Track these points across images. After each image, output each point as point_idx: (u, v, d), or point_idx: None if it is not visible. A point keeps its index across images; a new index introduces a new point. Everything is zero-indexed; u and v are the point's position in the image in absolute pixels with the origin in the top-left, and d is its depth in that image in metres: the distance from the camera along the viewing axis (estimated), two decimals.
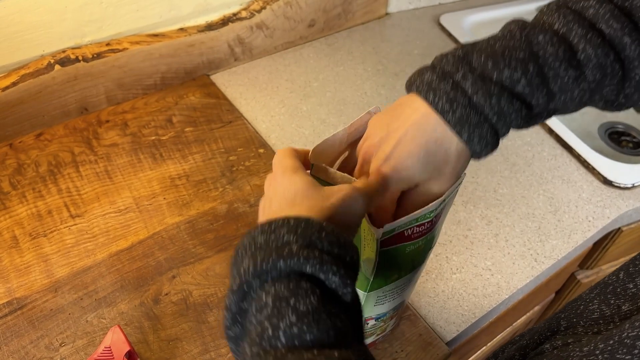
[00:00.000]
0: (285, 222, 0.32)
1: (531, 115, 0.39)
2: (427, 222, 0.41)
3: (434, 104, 0.38)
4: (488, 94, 0.36)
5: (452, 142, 0.38)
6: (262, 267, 0.30)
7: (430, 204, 0.39)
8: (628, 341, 0.31)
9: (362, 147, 0.42)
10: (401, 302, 0.52)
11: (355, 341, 0.31)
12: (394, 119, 0.40)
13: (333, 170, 0.42)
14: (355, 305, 0.32)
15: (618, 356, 0.31)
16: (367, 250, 0.41)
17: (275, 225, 0.32)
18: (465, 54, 0.38)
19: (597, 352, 0.32)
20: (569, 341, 0.36)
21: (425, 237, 0.43)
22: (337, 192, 0.36)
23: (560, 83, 0.37)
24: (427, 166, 0.39)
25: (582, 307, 0.39)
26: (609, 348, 0.32)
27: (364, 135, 0.42)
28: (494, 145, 0.39)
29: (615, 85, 0.39)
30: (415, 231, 0.41)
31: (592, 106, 0.43)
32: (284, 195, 0.37)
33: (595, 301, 0.38)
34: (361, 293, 0.44)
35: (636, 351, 0.30)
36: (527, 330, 0.45)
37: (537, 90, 0.37)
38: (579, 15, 0.38)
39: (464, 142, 0.38)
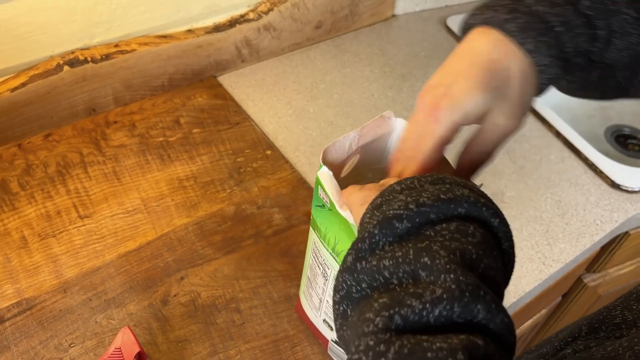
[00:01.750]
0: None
1: (591, 51, 0.36)
2: None
3: (489, 21, 0.35)
4: (551, 3, 0.34)
5: (514, 58, 0.35)
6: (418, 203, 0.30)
7: None
8: None
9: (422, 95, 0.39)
10: None
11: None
12: (446, 65, 0.37)
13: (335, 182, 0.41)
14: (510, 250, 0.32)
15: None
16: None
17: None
18: (514, 2, 0.36)
19: (620, 350, 0.32)
20: (591, 345, 0.35)
21: None
22: None
23: (620, 20, 0.35)
24: (488, 91, 0.35)
25: (604, 313, 0.38)
26: (634, 346, 0.31)
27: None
28: (561, 67, 0.36)
29: None
30: None
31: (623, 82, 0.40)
32: None
33: (618, 308, 0.38)
34: None
35: None
36: (547, 340, 0.45)
37: (600, 15, 0.35)
38: None
39: (528, 54, 0.34)
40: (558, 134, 0.83)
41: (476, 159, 0.39)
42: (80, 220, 0.65)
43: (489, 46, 0.35)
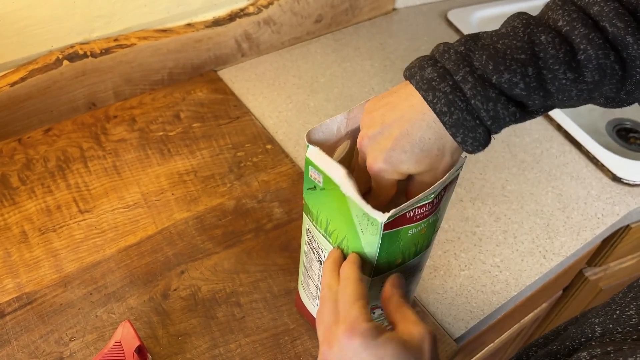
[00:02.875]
0: None
1: (526, 112, 0.40)
2: (428, 204, 0.41)
3: (432, 105, 0.39)
4: (486, 99, 0.37)
5: (446, 140, 0.40)
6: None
7: (432, 187, 0.40)
8: None
9: (359, 137, 0.43)
10: (407, 294, 0.52)
11: None
12: (390, 111, 0.41)
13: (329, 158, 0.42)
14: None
15: None
16: (367, 234, 0.41)
17: None
18: (467, 50, 0.39)
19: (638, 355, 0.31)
20: (609, 349, 0.35)
21: (427, 219, 0.43)
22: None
23: (558, 84, 0.38)
24: (421, 161, 0.41)
25: (618, 312, 0.38)
26: None
27: (360, 121, 0.44)
28: (486, 144, 0.40)
29: (615, 84, 0.39)
30: (416, 213, 0.41)
31: (592, 103, 0.43)
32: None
33: (632, 306, 0.38)
34: (366, 279, 0.44)
35: None
36: (553, 333, 0.44)
37: (533, 93, 0.38)
38: (584, 13, 0.38)
39: (458, 142, 0.40)
40: (559, 128, 0.83)
41: (417, 193, 0.42)
42: (80, 214, 0.65)
43: (426, 124, 0.39)
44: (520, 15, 0.40)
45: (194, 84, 0.82)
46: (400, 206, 0.39)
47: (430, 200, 0.41)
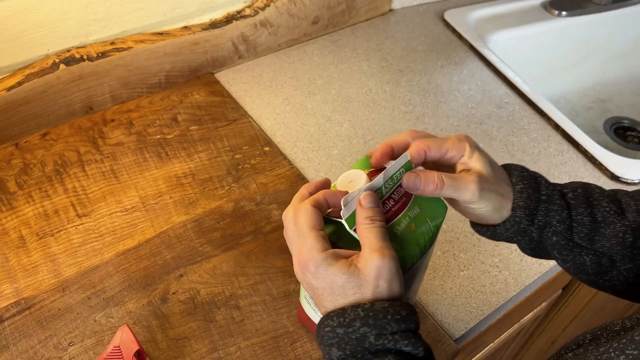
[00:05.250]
0: (356, 315, 0.39)
1: (570, 237, 0.46)
2: (390, 200, 0.43)
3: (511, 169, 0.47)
4: (549, 185, 0.47)
5: (508, 189, 0.46)
6: (351, 353, 0.38)
7: (376, 179, 0.42)
8: (637, 338, 0.33)
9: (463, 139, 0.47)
10: (410, 295, 0.51)
11: None
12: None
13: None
14: (427, 356, 0.39)
15: (628, 352, 0.34)
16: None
17: (350, 319, 0.39)
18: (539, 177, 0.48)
19: (611, 350, 0.35)
20: (590, 348, 0.38)
21: (404, 213, 0.44)
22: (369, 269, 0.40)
23: (603, 211, 0.46)
24: (492, 176, 0.45)
25: (607, 322, 0.41)
26: (621, 346, 0.34)
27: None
28: (522, 227, 0.46)
29: None
30: (389, 210, 0.43)
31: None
32: (332, 290, 0.40)
33: (619, 318, 0.40)
34: None
35: None
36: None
37: (580, 206, 0.46)
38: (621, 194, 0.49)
39: (514, 199, 0.45)
40: (557, 127, 0.83)
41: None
42: (78, 219, 0.65)
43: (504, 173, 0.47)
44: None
45: (191, 87, 0.81)
46: (351, 194, 0.41)
47: (383, 192, 0.42)
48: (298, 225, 0.41)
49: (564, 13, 1.02)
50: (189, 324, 0.58)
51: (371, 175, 0.45)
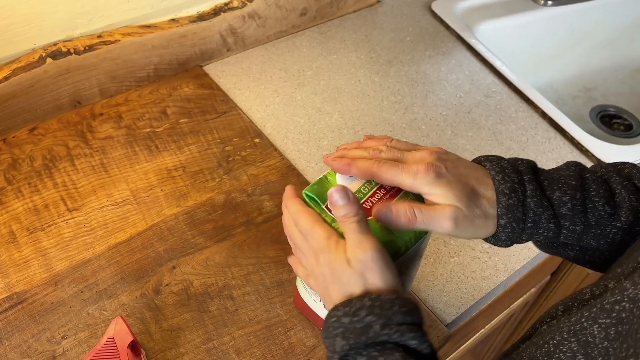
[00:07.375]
0: (362, 304, 0.39)
1: (557, 239, 0.45)
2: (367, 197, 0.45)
3: (497, 183, 0.43)
4: (539, 204, 0.43)
5: (491, 210, 0.43)
6: (355, 344, 0.38)
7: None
8: (608, 306, 0.35)
9: (428, 152, 0.46)
10: (406, 281, 0.52)
11: None
12: (461, 162, 0.45)
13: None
14: (432, 354, 0.39)
15: (600, 320, 0.35)
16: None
17: (355, 308, 0.39)
18: (533, 169, 0.46)
19: (583, 319, 0.36)
20: (562, 319, 0.39)
21: (399, 198, 0.45)
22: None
23: (598, 216, 0.44)
24: (466, 207, 0.43)
25: (577, 292, 0.42)
26: (592, 315, 0.36)
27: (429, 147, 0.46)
28: (512, 242, 0.45)
29: None
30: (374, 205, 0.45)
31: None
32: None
33: (588, 287, 0.41)
34: None
35: (614, 314, 0.35)
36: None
37: (576, 217, 0.44)
38: (617, 170, 0.47)
39: (498, 225, 0.43)
40: (544, 115, 0.84)
41: None
42: (69, 213, 0.65)
43: (483, 194, 0.44)
44: (574, 161, 0.48)
45: (180, 80, 0.81)
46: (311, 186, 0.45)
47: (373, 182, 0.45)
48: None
49: (550, 2, 1.03)
50: (183, 314, 0.58)
51: None
